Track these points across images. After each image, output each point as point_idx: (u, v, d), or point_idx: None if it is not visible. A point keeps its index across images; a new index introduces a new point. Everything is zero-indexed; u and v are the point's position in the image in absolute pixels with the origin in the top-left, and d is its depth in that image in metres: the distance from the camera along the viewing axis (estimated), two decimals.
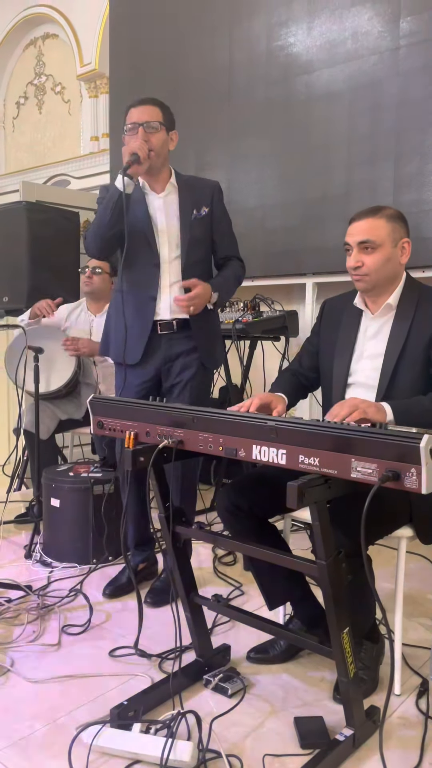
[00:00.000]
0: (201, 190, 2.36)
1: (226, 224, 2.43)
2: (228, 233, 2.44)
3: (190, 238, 2.30)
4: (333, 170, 3.31)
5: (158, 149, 2.24)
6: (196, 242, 2.33)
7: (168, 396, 2.34)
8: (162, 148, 2.26)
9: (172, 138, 2.30)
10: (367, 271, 1.82)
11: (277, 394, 1.91)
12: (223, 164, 3.70)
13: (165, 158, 2.31)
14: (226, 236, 2.42)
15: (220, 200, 2.40)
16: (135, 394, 2.33)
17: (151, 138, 2.21)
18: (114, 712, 1.60)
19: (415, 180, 3.01)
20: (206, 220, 2.35)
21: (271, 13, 3.52)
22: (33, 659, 1.96)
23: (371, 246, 1.80)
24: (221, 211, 2.40)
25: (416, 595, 2.43)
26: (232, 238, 2.46)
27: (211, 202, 2.36)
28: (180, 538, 1.77)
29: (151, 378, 2.35)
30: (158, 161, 2.27)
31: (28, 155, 5.70)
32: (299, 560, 1.53)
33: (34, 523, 2.89)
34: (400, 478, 1.20)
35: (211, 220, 2.37)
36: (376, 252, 1.80)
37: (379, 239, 1.79)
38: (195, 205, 2.32)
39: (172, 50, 4.03)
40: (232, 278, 2.41)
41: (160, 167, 2.30)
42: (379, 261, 1.80)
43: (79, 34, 4.98)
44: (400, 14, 3.03)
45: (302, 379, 2.06)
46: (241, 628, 2.13)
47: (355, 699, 1.53)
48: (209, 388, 2.55)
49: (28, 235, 3.66)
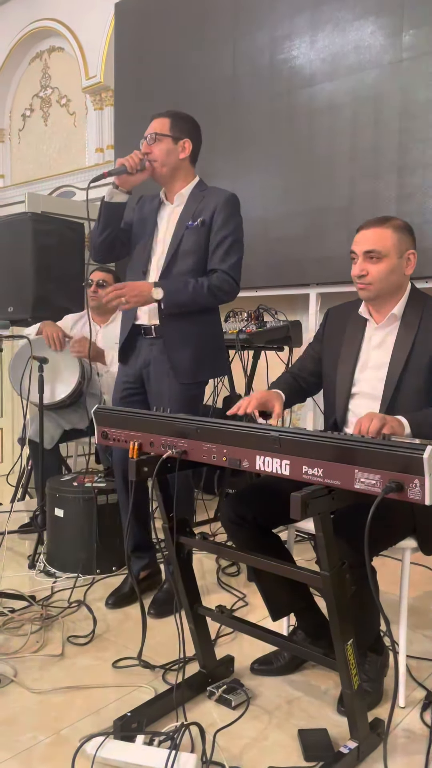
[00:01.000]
0: (207, 200, 2.32)
1: (224, 236, 2.28)
2: (222, 246, 2.28)
3: (178, 249, 2.29)
4: (336, 181, 3.33)
5: (162, 159, 2.28)
6: (185, 253, 2.29)
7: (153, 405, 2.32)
8: (167, 158, 2.28)
9: (184, 147, 2.30)
10: (371, 280, 1.82)
11: (274, 390, 1.92)
12: (226, 175, 3.72)
13: (175, 167, 2.32)
14: (219, 248, 2.28)
15: (224, 211, 2.29)
16: (120, 392, 2.43)
17: (153, 148, 2.27)
18: (117, 723, 1.60)
19: (418, 191, 3.03)
20: (202, 230, 2.28)
21: (275, 26, 3.56)
22: (36, 670, 1.96)
23: (377, 255, 1.81)
24: (222, 222, 2.29)
25: (420, 606, 2.42)
26: (228, 251, 2.28)
27: (212, 212, 2.29)
28: (184, 548, 1.77)
29: (134, 380, 2.39)
30: (164, 170, 2.30)
31: (33, 166, 5.75)
32: (303, 571, 1.53)
33: (38, 533, 2.89)
34: (403, 489, 1.21)
35: (209, 231, 2.29)
36: (381, 262, 1.81)
37: (384, 249, 1.80)
38: (193, 216, 2.30)
39: (176, 63, 4.07)
40: (192, 284, 2.23)
41: (171, 177, 2.33)
42: (383, 271, 1.81)
43: (85, 48, 5.04)
44: (403, 28, 3.06)
45: (302, 382, 2.06)
46: (245, 639, 2.12)
47: (359, 711, 1.53)
48: (196, 398, 2.37)
49: (33, 246, 3.69)
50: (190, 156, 2.35)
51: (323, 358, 2.03)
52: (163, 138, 2.28)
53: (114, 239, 2.38)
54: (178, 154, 2.30)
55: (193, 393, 2.37)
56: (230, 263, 2.29)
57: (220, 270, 2.28)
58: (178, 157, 2.30)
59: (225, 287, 2.28)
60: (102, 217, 2.31)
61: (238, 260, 2.33)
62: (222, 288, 2.28)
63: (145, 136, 2.30)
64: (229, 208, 2.31)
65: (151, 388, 2.37)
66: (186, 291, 2.23)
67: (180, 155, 2.31)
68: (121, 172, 2.23)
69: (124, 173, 2.23)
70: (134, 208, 2.47)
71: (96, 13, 4.87)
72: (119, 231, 2.38)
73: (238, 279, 2.33)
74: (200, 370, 2.35)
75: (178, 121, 2.31)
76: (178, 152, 2.30)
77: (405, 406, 1.77)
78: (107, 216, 2.31)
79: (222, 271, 2.28)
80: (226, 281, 2.28)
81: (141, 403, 2.38)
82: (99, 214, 2.32)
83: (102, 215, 2.31)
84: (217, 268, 2.28)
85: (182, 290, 2.23)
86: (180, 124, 2.31)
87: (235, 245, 2.32)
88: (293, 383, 2.05)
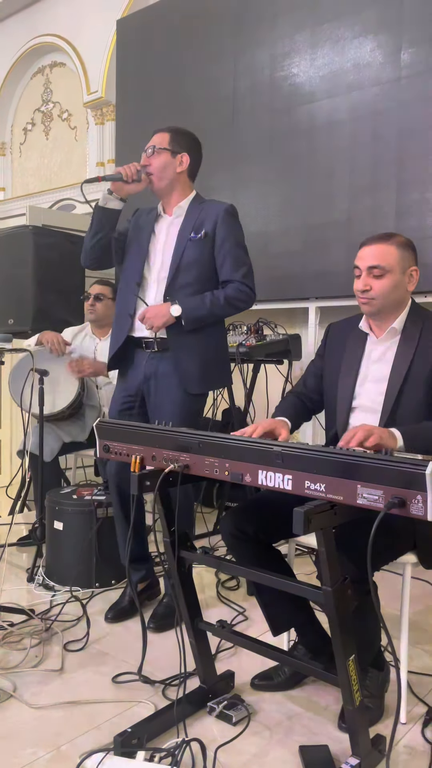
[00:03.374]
0: (207, 212, 2.35)
1: (230, 247, 2.32)
2: (230, 256, 2.33)
3: (181, 261, 2.32)
4: (335, 197, 3.36)
5: (159, 172, 2.33)
6: (189, 265, 2.32)
7: (155, 418, 2.34)
8: (164, 171, 2.33)
9: (182, 161, 2.34)
10: (375, 296, 1.84)
11: (280, 419, 1.93)
12: (226, 190, 3.75)
13: (172, 181, 2.35)
14: (227, 259, 2.33)
15: (225, 222, 2.33)
16: (119, 405, 2.43)
17: (152, 161, 2.34)
18: (118, 739, 1.59)
19: (417, 207, 3.06)
20: (205, 242, 2.31)
21: (275, 44, 3.61)
22: (35, 685, 1.95)
23: (381, 271, 1.82)
24: (225, 233, 2.32)
25: (421, 621, 2.42)
26: (237, 261, 2.33)
27: (214, 225, 2.32)
28: (185, 562, 1.77)
29: (134, 394, 2.39)
30: (162, 183, 2.35)
31: (34, 180, 5.79)
32: (305, 586, 1.53)
33: (37, 546, 2.88)
34: (406, 504, 1.21)
35: (213, 243, 2.33)
36: (384, 277, 1.82)
37: (389, 265, 1.82)
38: (195, 228, 2.33)
39: (177, 79, 4.12)
40: (209, 298, 2.28)
41: (168, 190, 2.37)
42: (387, 286, 1.83)
43: (86, 63, 5.09)
44: (402, 46, 3.10)
45: (306, 401, 2.07)
46: (245, 654, 2.12)
47: (360, 727, 1.52)
48: (198, 412, 2.42)
49: (34, 259, 3.70)
50: (188, 170, 2.38)
51: (325, 373, 2.04)
52: (162, 151, 2.32)
53: (105, 245, 2.40)
54: (175, 168, 2.34)
55: (199, 405, 2.41)
56: (243, 272, 2.34)
57: (234, 280, 2.33)
58: (175, 170, 2.34)
59: (242, 297, 2.34)
60: (94, 222, 2.37)
61: (249, 268, 2.38)
62: (239, 298, 2.33)
63: (145, 149, 2.36)
64: (231, 219, 2.36)
65: (153, 402, 2.37)
66: (204, 305, 2.28)
67: (177, 169, 2.35)
68: (116, 178, 2.29)
69: (119, 180, 2.29)
70: (129, 219, 2.51)
71: (97, 29, 4.92)
72: (112, 238, 2.41)
73: (252, 286, 2.37)
74: (208, 380, 2.39)
75: (178, 136, 2.36)
76: (175, 166, 2.34)
77: (405, 419, 1.78)
78: (99, 220, 2.36)
79: (237, 281, 2.33)
80: (242, 291, 2.33)
81: (140, 417, 2.39)
82: (92, 219, 2.37)
83: (94, 219, 2.36)
84: (231, 278, 2.33)
85: (200, 305, 2.28)
86: (179, 138, 2.36)
87: (242, 253, 2.37)
88: (298, 404, 2.05)
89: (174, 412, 2.27)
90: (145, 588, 2.53)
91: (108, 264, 2.49)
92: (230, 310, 2.34)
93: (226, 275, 2.34)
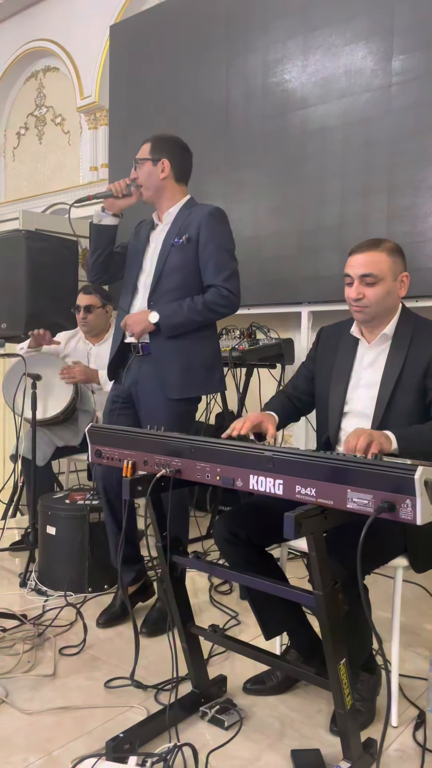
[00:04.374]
0: (193, 217, 2.34)
1: (212, 250, 2.29)
2: (212, 260, 2.29)
3: (164, 267, 2.33)
4: (327, 202, 3.38)
5: (145, 182, 2.36)
6: (172, 271, 2.32)
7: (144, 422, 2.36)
8: (148, 180, 2.35)
9: (163, 167, 2.34)
10: (368, 303, 1.85)
11: (268, 413, 1.94)
12: (219, 195, 3.77)
13: (158, 188, 2.36)
14: (209, 263, 2.29)
15: (208, 226, 2.29)
16: (110, 405, 2.46)
17: (138, 173, 2.37)
18: (110, 744, 1.59)
19: (408, 213, 3.08)
20: (188, 247, 2.30)
21: (267, 50, 3.63)
22: (28, 690, 1.95)
23: (373, 279, 1.82)
24: (208, 236, 2.29)
25: (413, 624, 2.42)
26: (219, 265, 2.29)
27: (198, 229, 2.30)
28: (177, 567, 1.77)
29: (124, 398, 2.41)
30: (149, 193, 2.37)
31: (27, 184, 5.79)
32: (296, 591, 1.53)
33: (30, 551, 2.88)
34: (395, 509, 1.22)
35: (197, 247, 2.30)
36: (377, 285, 1.83)
37: (381, 273, 1.82)
38: (179, 233, 2.33)
39: (170, 84, 4.13)
40: (187, 304, 2.26)
41: (157, 197, 2.39)
42: (380, 294, 1.83)
43: (80, 68, 5.10)
44: (393, 53, 3.13)
45: (296, 401, 2.08)
46: (238, 658, 2.12)
47: (352, 731, 1.53)
48: (185, 415, 2.37)
49: (27, 263, 3.71)
50: (174, 175, 2.37)
51: (316, 378, 2.05)
52: (144, 162, 2.35)
53: (107, 261, 2.44)
54: (158, 175, 2.35)
55: (183, 409, 2.36)
56: (224, 276, 2.29)
57: (214, 285, 2.29)
58: (158, 177, 2.35)
59: (222, 301, 2.29)
60: (92, 239, 2.42)
61: (232, 272, 2.32)
62: (219, 303, 2.29)
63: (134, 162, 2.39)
64: (213, 222, 2.32)
65: (142, 405, 2.38)
66: (180, 312, 2.27)
67: (160, 176, 2.35)
68: (107, 195, 2.33)
69: (110, 197, 2.33)
70: (132, 232, 2.53)
71: (91, 34, 4.94)
72: (113, 253, 2.44)
73: (235, 290, 2.31)
74: (190, 386, 2.34)
75: (158, 143, 2.36)
76: (158, 173, 2.35)
77: (396, 424, 1.79)
78: (96, 238, 2.40)
79: (217, 286, 2.29)
80: (223, 296, 2.28)
81: (129, 418, 2.40)
82: (89, 237, 2.41)
83: (91, 236, 2.42)
84: (212, 283, 2.30)
85: (177, 311, 2.27)
86: (159, 145, 2.36)
87: (225, 256, 2.32)
88: (287, 403, 2.07)
89: (157, 416, 2.26)
90: (138, 590, 2.53)
91: (117, 277, 2.52)
92: (210, 315, 2.31)
93: (208, 280, 2.31)
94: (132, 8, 4.66)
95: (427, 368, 1.80)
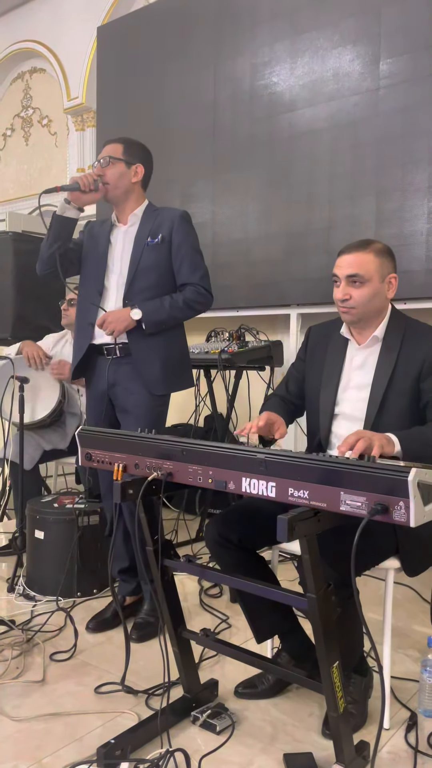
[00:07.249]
0: (162, 218, 2.39)
1: (186, 250, 2.37)
2: (187, 260, 2.37)
3: (139, 266, 2.34)
4: (315, 204, 3.39)
5: (114, 182, 2.35)
6: (146, 269, 2.34)
7: (122, 422, 2.38)
8: (119, 181, 2.36)
9: (137, 171, 2.37)
10: (355, 304, 1.85)
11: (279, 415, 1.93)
12: (207, 197, 3.77)
13: (127, 191, 2.38)
14: (184, 263, 2.37)
15: (181, 228, 2.37)
16: (92, 410, 2.46)
17: (107, 171, 2.36)
18: (101, 751, 1.57)
19: (396, 215, 3.10)
20: (162, 247, 2.35)
21: (255, 53, 3.63)
22: (17, 696, 1.92)
23: (359, 280, 1.83)
24: (182, 237, 2.36)
25: (403, 626, 2.43)
26: (194, 264, 2.38)
27: (170, 230, 2.36)
28: (168, 571, 1.76)
29: (102, 401, 2.40)
30: (117, 192, 2.37)
31: (14, 186, 5.75)
32: (289, 594, 1.53)
33: (17, 556, 2.85)
34: (388, 511, 1.22)
35: (170, 247, 2.37)
36: (364, 286, 1.83)
37: (367, 274, 1.82)
38: (151, 233, 2.36)
39: (158, 86, 4.13)
40: (168, 301, 2.32)
41: (123, 199, 2.40)
42: (366, 295, 1.83)
43: (67, 70, 5.08)
44: (380, 57, 3.15)
45: (288, 404, 2.08)
46: (229, 662, 2.11)
47: (344, 734, 1.52)
48: (163, 413, 2.44)
49: (14, 265, 3.68)
50: (142, 180, 2.42)
51: (306, 378, 2.04)
52: (116, 162, 2.35)
53: (62, 255, 2.39)
54: (130, 178, 2.37)
55: (163, 406, 2.43)
56: (200, 275, 2.39)
57: (192, 283, 2.37)
58: (130, 180, 2.37)
59: (200, 299, 2.38)
60: (52, 230, 2.37)
61: (206, 271, 2.42)
62: (197, 300, 2.37)
63: (98, 159, 2.38)
64: (185, 224, 2.41)
65: (121, 406, 2.38)
66: (163, 308, 2.31)
67: (133, 179, 2.38)
68: (74, 188, 2.31)
69: (77, 190, 2.31)
70: (82, 231, 2.53)
71: (78, 35, 4.92)
72: (68, 248, 2.41)
73: (209, 289, 2.42)
74: (171, 382, 2.40)
75: (131, 147, 2.39)
76: (130, 176, 2.37)
77: (389, 427, 1.78)
78: (57, 229, 2.37)
79: (194, 284, 2.38)
80: (200, 293, 2.38)
81: (108, 423, 2.39)
82: (49, 227, 2.38)
83: (52, 228, 2.37)
84: (189, 281, 2.38)
85: (160, 308, 2.31)
86: (133, 149, 2.39)
87: (197, 257, 2.42)
88: (283, 406, 2.05)
89: (140, 415, 2.30)
90: (132, 603, 2.49)
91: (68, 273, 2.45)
92: (189, 312, 2.38)
93: (184, 278, 2.38)
94: (119, 10, 4.66)
95: (420, 370, 1.80)
